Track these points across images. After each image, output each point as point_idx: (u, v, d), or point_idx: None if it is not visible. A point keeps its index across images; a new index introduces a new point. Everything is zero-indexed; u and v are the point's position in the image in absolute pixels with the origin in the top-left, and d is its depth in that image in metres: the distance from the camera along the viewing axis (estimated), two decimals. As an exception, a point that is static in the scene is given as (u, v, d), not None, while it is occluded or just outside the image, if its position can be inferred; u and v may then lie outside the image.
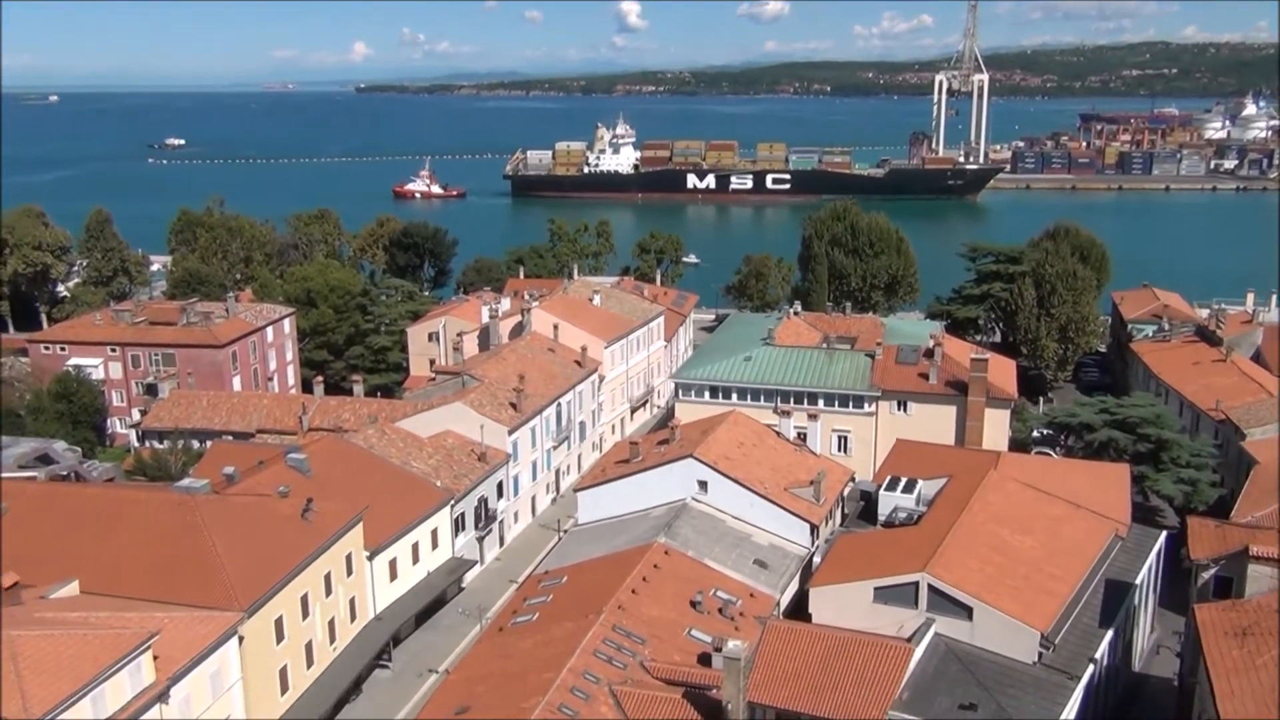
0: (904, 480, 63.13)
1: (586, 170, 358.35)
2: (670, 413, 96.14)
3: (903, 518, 60.27)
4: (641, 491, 68.12)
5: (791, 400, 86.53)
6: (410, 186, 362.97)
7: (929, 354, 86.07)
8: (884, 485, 63.42)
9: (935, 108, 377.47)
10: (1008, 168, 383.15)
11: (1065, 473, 63.94)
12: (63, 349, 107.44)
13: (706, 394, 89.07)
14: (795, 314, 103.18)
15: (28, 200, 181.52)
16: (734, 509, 65.91)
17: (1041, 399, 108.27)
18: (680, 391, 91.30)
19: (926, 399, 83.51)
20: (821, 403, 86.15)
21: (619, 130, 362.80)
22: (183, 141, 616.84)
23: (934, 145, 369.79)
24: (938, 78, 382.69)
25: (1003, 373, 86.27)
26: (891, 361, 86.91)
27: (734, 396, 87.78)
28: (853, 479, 74.34)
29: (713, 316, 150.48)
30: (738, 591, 58.35)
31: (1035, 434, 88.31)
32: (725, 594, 57.37)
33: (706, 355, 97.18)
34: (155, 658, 43.99)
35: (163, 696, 44.12)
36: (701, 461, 66.50)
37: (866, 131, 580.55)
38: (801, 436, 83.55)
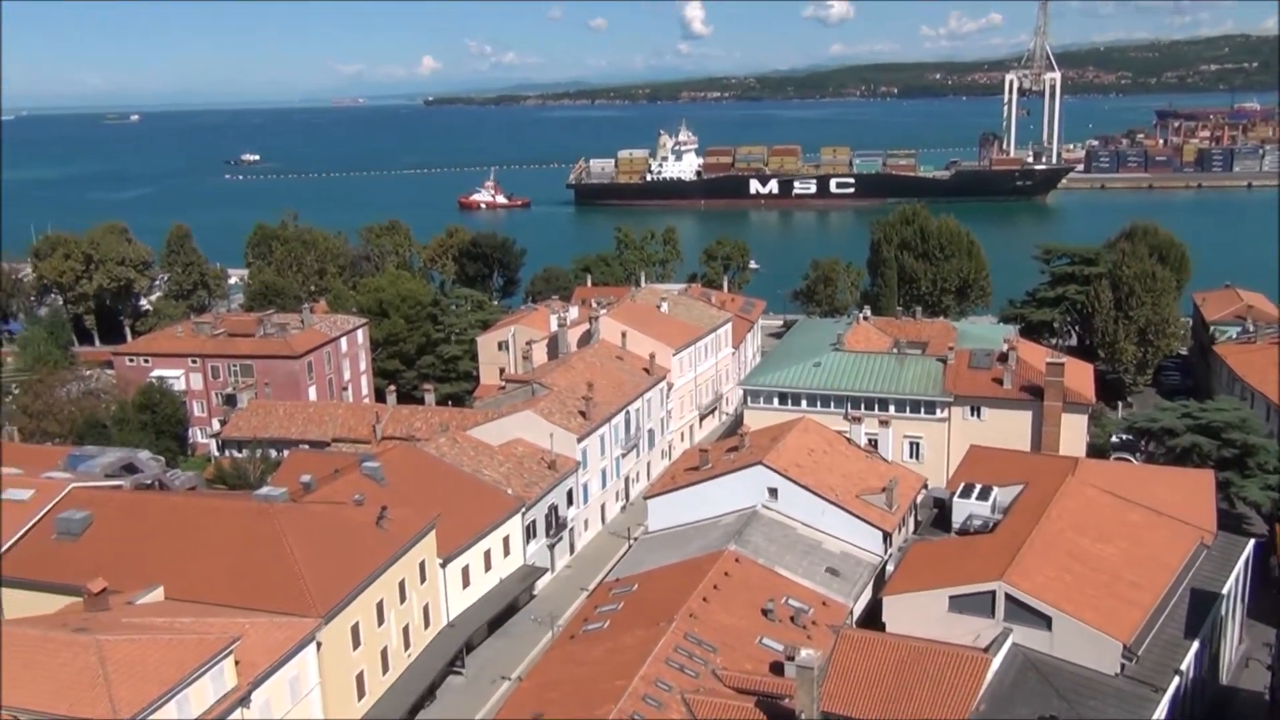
0: (978, 487, 62.11)
1: (649, 178, 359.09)
2: (739, 420, 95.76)
3: (978, 525, 59.28)
4: (711, 499, 67.91)
5: (862, 406, 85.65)
6: (475, 197, 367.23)
7: (1003, 358, 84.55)
8: (958, 492, 62.44)
9: (1005, 108, 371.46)
10: (1081, 167, 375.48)
11: (1146, 479, 62.33)
12: (146, 361, 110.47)
13: (775, 400, 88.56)
14: (865, 319, 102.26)
15: (111, 217, 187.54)
16: (805, 516, 65.37)
17: (1120, 403, 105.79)
18: (749, 398, 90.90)
19: (1001, 404, 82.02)
20: (893, 409, 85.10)
21: (681, 137, 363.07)
22: (258, 157, 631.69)
23: (1005, 146, 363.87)
24: (1008, 77, 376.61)
25: (1080, 377, 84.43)
26: (964, 366, 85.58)
27: (803, 403, 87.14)
28: (925, 486, 73.32)
29: (780, 322, 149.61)
30: (810, 600, 57.87)
31: (1114, 439, 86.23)
32: (797, 602, 56.93)
33: (775, 361, 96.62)
34: (237, 662, 44.92)
35: (244, 701, 45.05)
36: (771, 468, 66.11)
37: (933, 133, 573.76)
38: (873, 443, 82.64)
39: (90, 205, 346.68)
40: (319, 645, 50.57)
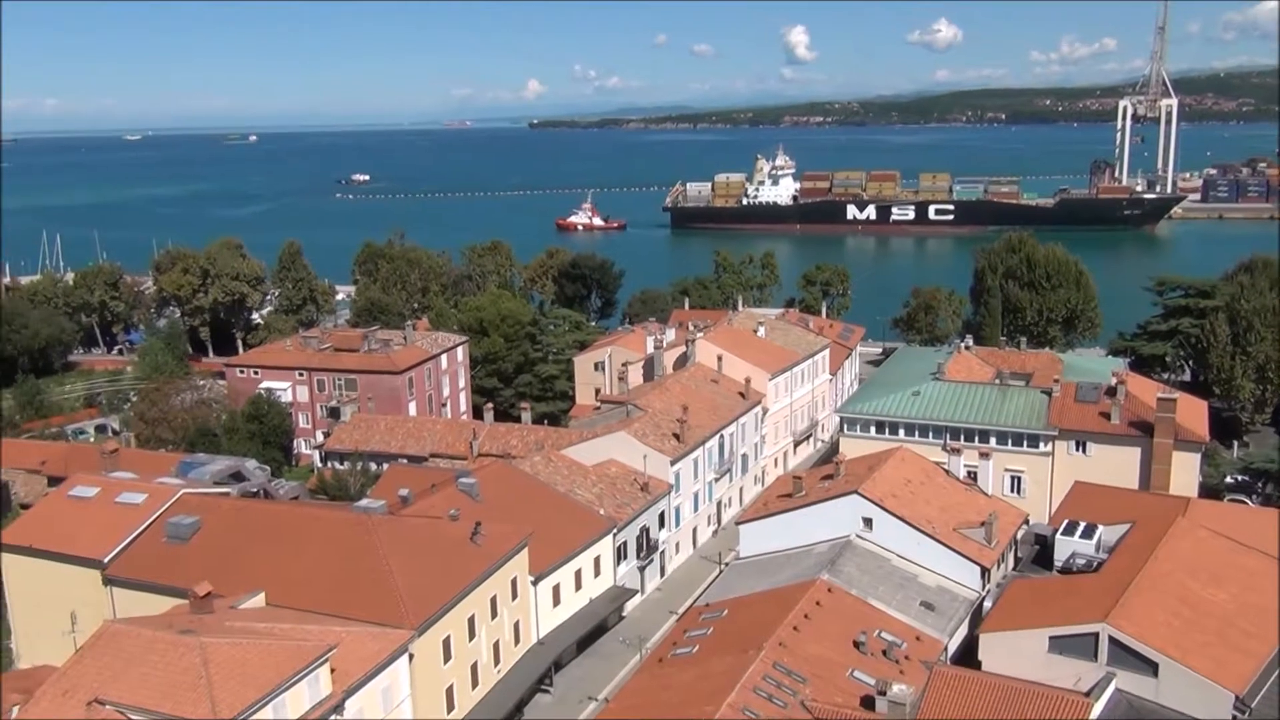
0: (1083, 524, 60.27)
1: (745, 202, 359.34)
2: (835, 447, 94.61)
3: (1081, 564, 57.49)
4: (804, 527, 67.16)
5: (962, 437, 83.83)
6: (573, 219, 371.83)
7: (1111, 392, 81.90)
8: (1061, 529, 60.73)
9: (1119, 135, 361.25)
10: (1197, 196, 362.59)
11: (1263, 522, 59.56)
12: (255, 373, 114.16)
13: (872, 429, 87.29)
14: (966, 348, 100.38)
15: (228, 233, 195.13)
16: (900, 548, 64.16)
17: (1236, 443, 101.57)
18: (845, 426, 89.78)
19: (1108, 439, 79.40)
20: (994, 441, 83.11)
21: (778, 161, 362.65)
22: (367, 177, 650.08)
23: (1117, 174, 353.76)
24: (1121, 103, 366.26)
25: (1193, 413, 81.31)
26: (1070, 399, 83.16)
27: (901, 432, 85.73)
28: (1026, 521, 71.36)
29: (879, 350, 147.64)
30: (903, 633, 56.69)
31: (1229, 480, 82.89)
32: (890, 635, 55.83)
33: (873, 389, 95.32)
34: (332, 670, 45.89)
35: (338, 708, 45.96)
36: (867, 498, 65.12)
37: (1041, 160, 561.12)
38: (972, 475, 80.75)
39: (209, 222, 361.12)
40: (411, 657, 51.35)
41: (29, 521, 65.97)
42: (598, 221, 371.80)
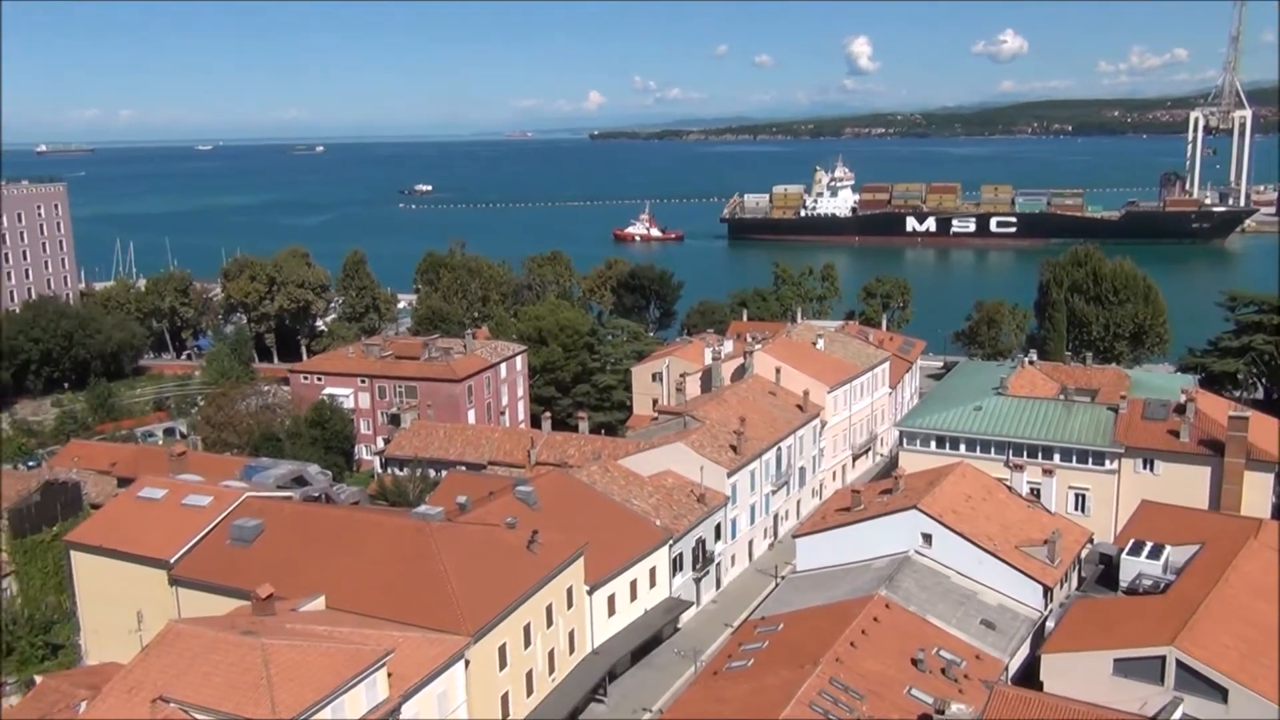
0: (1149, 545, 58.94)
1: (803, 213, 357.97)
2: (894, 462, 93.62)
3: (1148, 585, 56.19)
4: (862, 541, 66.49)
5: (1025, 454, 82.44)
6: (630, 230, 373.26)
7: (1180, 409, 79.98)
8: (1127, 549, 59.45)
9: (1190, 147, 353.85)
10: (1272, 210, 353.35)
11: (1340, 546, 57.74)
12: (319, 379, 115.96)
13: (933, 444, 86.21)
14: (1030, 363, 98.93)
15: (294, 242, 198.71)
16: (960, 565, 63.24)
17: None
18: (905, 440, 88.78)
19: (1177, 458, 77.50)
20: (1058, 457, 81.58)
21: (837, 173, 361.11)
22: (430, 187, 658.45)
23: (1188, 186, 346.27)
24: (1193, 115, 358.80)
25: (1266, 432, 78.99)
26: (1137, 416, 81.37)
27: (962, 447, 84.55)
28: (1091, 540, 69.99)
29: (941, 364, 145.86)
30: (963, 652, 55.83)
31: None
32: (949, 653, 55.00)
33: (934, 403, 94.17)
34: (389, 674, 46.34)
35: (394, 712, 46.36)
36: (926, 514, 64.30)
37: (1108, 173, 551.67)
38: (1035, 493, 79.36)
39: (277, 230, 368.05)
40: (467, 663, 51.68)
41: (99, 521, 67.65)
42: (655, 232, 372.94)
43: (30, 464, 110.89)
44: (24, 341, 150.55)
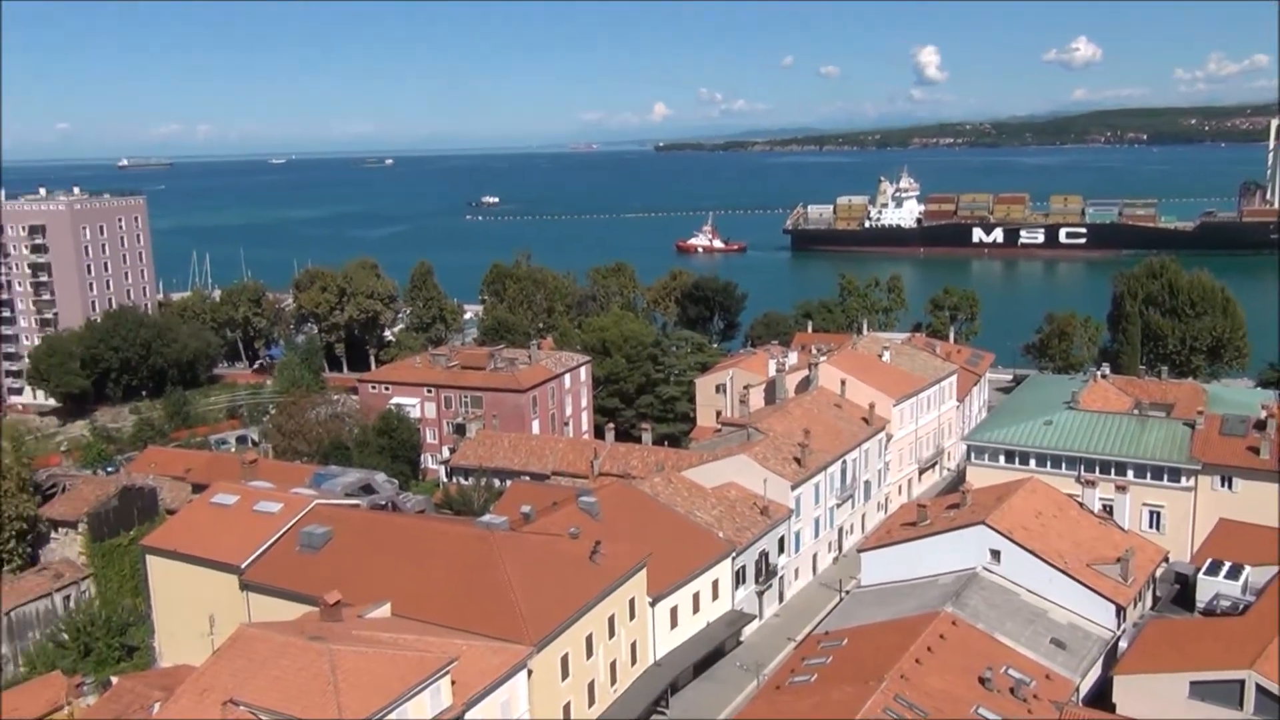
0: (1228, 564, 57.37)
1: (867, 224, 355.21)
2: (961, 476, 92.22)
3: (1226, 606, 54.65)
4: (928, 557, 65.53)
5: (1097, 469, 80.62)
6: (693, 241, 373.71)
7: (1260, 425, 77.65)
8: (1204, 568, 57.92)
9: (1270, 155, 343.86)
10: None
11: None
12: (386, 389, 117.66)
13: (1001, 458, 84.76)
14: (1103, 377, 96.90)
15: (364, 253, 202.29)
16: (1029, 582, 62.00)
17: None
18: (973, 454, 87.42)
19: (1256, 475, 75.19)
20: (1131, 474, 79.66)
21: (902, 184, 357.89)
22: (497, 199, 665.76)
23: (1269, 196, 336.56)
24: (1274, 122, 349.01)
25: (1352, 450, 76.41)
26: (1215, 432, 79.17)
27: (1032, 462, 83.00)
28: (1166, 559, 68.11)
29: (1010, 377, 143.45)
30: (1032, 671, 54.67)
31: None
32: (1017, 673, 53.90)
33: (1003, 417, 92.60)
34: (453, 682, 46.73)
35: (458, 719, 46.80)
36: (995, 529, 63.18)
37: (1183, 182, 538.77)
38: (1107, 509, 77.51)
39: (347, 242, 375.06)
40: (530, 672, 51.92)
41: (173, 526, 69.36)
42: (718, 243, 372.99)
43: (109, 469, 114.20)
44: (105, 350, 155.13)
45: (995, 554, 63.13)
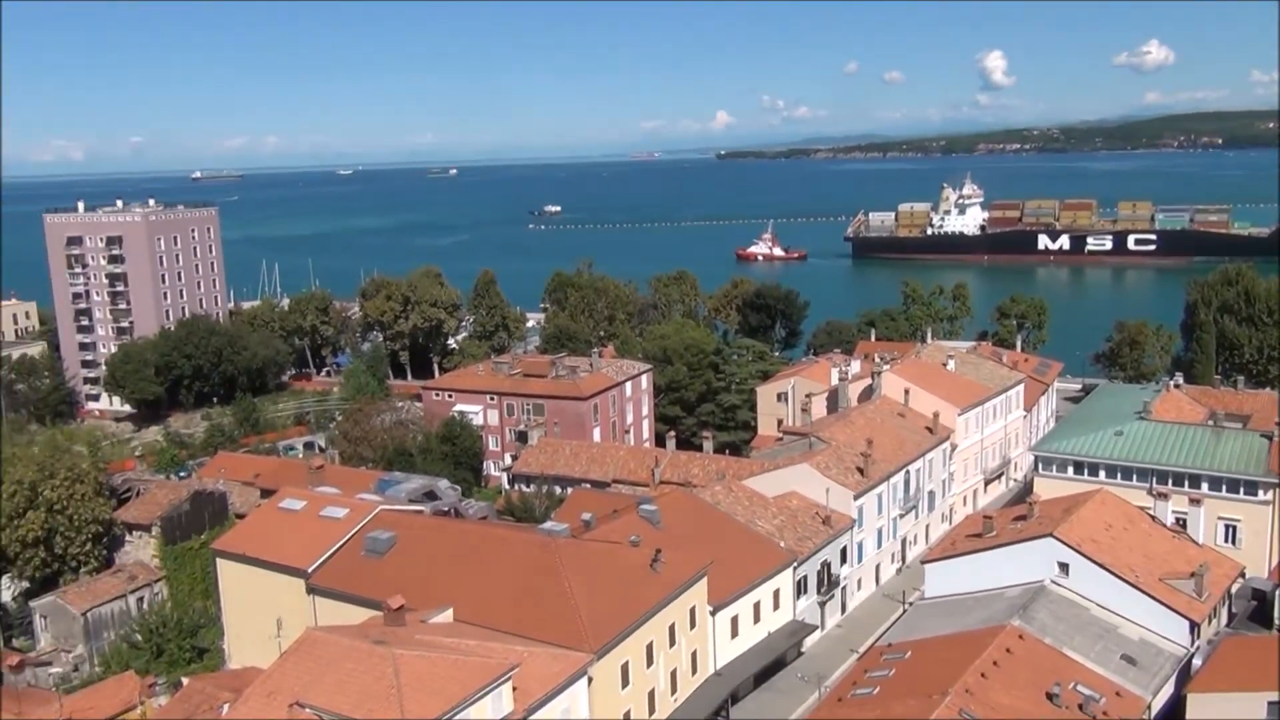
0: (1308, 581, 55.42)
1: (930, 231, 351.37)
2: (1028, 487, 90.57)
3: (1306, 624, 52.85)
4: (994, 569, 64.45)
5: (1170, 482, 78.68)
6: (752, 249, 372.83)
7: (1342, 438, 75.29)
8: (1283, 585, 55.99)
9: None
10: None
11: None
12: (450, 396, 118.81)
13: (1070, 469, 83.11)
14: (1176, 387, 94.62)
15: (428, 262, 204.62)
16: (1099, 596, 60.69)
17: None
18: (1040, 465, 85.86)
19: (1338, 489, 72.89)
20: (1206, 486, 77.56)
21: (965, 190, 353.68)
22: (559, 208, 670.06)
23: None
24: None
25: None
26: (1294, 444, 76.85)
27: (1102, 474, 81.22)
28: (1243, 574, 66.24)
29: (1079, 386, 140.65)
30: (1101, 688, 53.45)
31: None
32: (1086, 689, 52.74)
33: (1071, 427, 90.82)
34: (514, 688, 46.99)
35: (519, 726, 46.98)
36: (1063, 542, 61.95)
37: (1259, 187, 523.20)
38: (1180, 523, 75.65)
39: (412, 251, 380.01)
40: (590, 680, 52.00)
41: (243, 531, 70.73)
42: (778, 251, 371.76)
43: (181, 474, 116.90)
44: (178, 358, 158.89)
45: (1064, 567, 61.90)
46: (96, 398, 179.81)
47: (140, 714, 58.09)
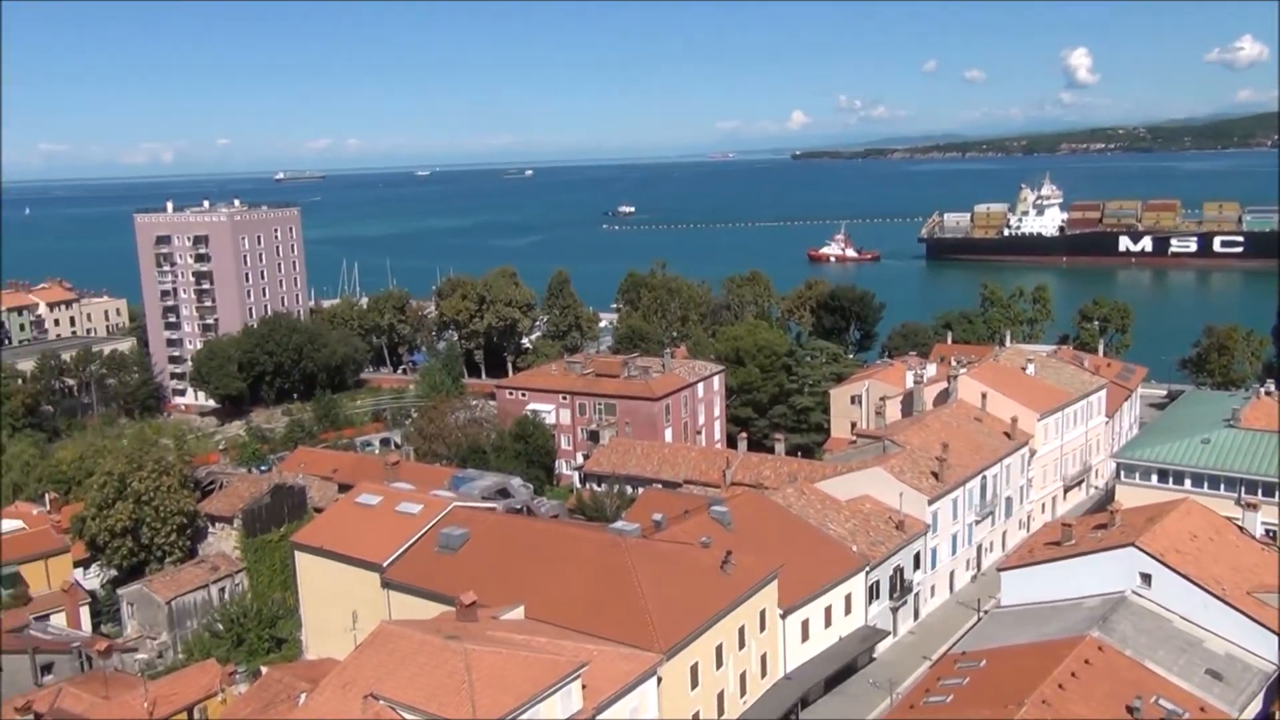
0: None
1: (1006, 233, 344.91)
2: (1110, 495, 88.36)
3: (1405, 642, 50.69)
4: (1073, 578, 62.93)
5: (1259, 492, 76.08)
6: (825, 250, 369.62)
7: None
8: (1380, 601, 53.79)
9: None
10: None
11: None
12: (523, 395, 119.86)
13: (1154, 477, 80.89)
14: (1267, 394, 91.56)
15: (504, 262, 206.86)
16: (1183, 609, 58.89)
17: None
18: (1123, 472, 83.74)
19: None
20: (1298, 497, 74.92)
21: (1044, 191, 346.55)
22: (633, 209, 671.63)
23: None
24: None
25: None
26: (1393, 455, 73.82)
27: (1187, 482, 78.94)
28: (1337, 589, 63.69)
29: (1164, 392, 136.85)
30: (1184, 703, 51.90)
31: None
32: (1169, 703, 51.26)
33: (1156, 434, 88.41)
34: (584, 686, 47.21)
35: (588, 724, 47.17)
36: (1146, 552, 60.25)
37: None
38: (1271, 535, 73.07)
39: (487, 251, 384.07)
40: (659, 680, 52.01)
41: (321, 525, 72.22)
42: (850, 252, 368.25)
43: (262, 468, 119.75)
44: (260, 355, 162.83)
45: (1146, 578, 60.20)
46: (183, 393, 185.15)
47: (221, 701, 59.55)
